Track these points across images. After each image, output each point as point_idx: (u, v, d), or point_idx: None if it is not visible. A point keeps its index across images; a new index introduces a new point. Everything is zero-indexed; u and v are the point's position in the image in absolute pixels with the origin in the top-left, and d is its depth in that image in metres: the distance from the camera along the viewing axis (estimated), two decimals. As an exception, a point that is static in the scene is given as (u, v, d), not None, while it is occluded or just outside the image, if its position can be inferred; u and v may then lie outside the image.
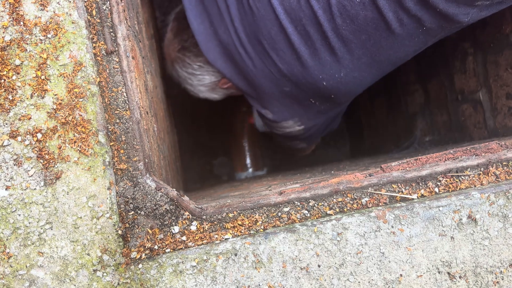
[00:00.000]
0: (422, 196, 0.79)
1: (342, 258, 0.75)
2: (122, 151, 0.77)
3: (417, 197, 0.79)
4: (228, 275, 0.74)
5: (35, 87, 0.75)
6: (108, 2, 0.79)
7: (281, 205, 0.79)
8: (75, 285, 0.73)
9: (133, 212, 0.76)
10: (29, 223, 0.73)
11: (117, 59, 0.79)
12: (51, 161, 0.74)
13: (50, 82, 0.75)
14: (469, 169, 0.80)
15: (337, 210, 0.79)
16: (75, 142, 0.75)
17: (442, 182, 0.80)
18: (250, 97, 1.31)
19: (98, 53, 0.78)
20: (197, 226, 0.77)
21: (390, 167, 0.81)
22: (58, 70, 0.76)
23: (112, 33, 0.79)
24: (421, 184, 0.80)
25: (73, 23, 0.77)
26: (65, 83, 0.75)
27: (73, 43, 0.76)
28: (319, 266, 0.75)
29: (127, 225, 0.76)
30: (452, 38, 1.40)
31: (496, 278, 0.76)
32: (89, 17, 0.79)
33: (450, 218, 0.76)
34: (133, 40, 0.87)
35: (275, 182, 1.12)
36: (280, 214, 0.78)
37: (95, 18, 0.79)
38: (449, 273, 0.76)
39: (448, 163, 0.80)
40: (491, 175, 0.80)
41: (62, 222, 0.74)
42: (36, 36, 0.75)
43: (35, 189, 0.73)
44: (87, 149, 0.75)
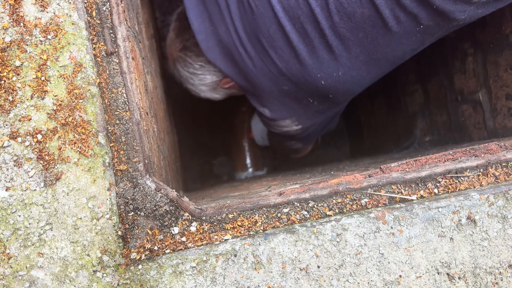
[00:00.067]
0: (422, 197, 0.79)
1: (342, 259, 0.76)
2: (122, 152, 0.78)
3: (417, 198, 0.79)
4: (227, 276, 0.75)
5: (35, 88, 0.75)
6: (108, 3, 0.80)
7: (280, 206, 0.79)
8: (75, 286, 0.73)
9: (133, 213, 0.76)
10: (29, 224, 0.73)
11: (117, 60, 0.79)
12: (51, 162, 0.74)
13: (50, 83, 0.75)
14: (468, 170, 0.80)
15: (337, 211, 0.79)
16: (75, 143, 0.75)
17: (442, 183, 0.80)
18: (249, 95, 1.31)
19: (98, 54, 0.79)
20: (196, 227, 0.77)
21: (390, 168, 0.81)
22: (58, 71, 0.76)
23: (112, 34, 0.79)
24: (420, 185, 0.80)
25: (73, 24, 0.77)
26: (65, 84, 0.76)
27: (73, 44, 0.76)
28: (318, 267, 0.75)
29: (127, 226, 0.76)
30: (452, 38, 1.40)
31: (495, 279, 0.76)
32: (89, 18, 0.79)
33: (449, 219, 0.77)
34: (133, 41, 0.87)
35: (275, 183, 1.12)
36: (279, 215, 0.78)
37: (95, 19, 0.79)
38: (448, 274, 0.76)
39: (448, 164, 0.80)
40: (491, 176, 0.80)
41: (62, 223, 0.74)
42: (36, 37, 0.75)
43: (35, 190, 0.73)
44: (87, 150, 0.75)
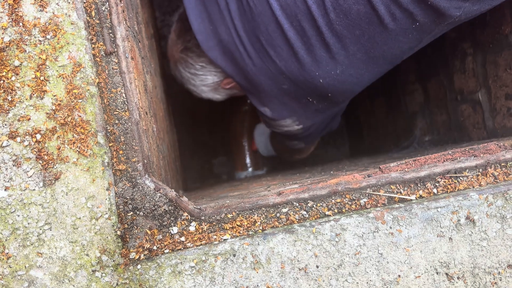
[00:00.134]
0: (421, 197, 0.79)
1: (341, 258, 0.76)
2: (121, 152, 0.78)
3: (416, 198, 0.79)
4: (226, 275, 0.75)
5: (34, 88, 0.75)
6: (107, 3, 0.79)
7: (279, 206, 0.79)
8: (74, 286, 0.73)
9: (132, 212, 0.76)
10: (28, 223, 0.73)
11: (116, 60, 0.79)
12: (50, 162, 0.74)
13: (49, 83, 0.75)
14: (467, 170, 0.80)
15: (336, 211, 0.79)
16: (74, 143, 0.75)
17: (441, 183, 0.80)
18: (250, 94, 1.31)
19: (97, 54, 0.78)
20: (195, 226, 0.77)
21: (389, 168, 0.81)
22: (57, 71, 0.76)
23: (111, 34, 0.79)
24: (419, 185, 0.80)
25: (72, 24, 0.77)
26: (64, 84, 0.76)
27: (72, 44, 0.76)
28: (317, 267, 0.75)
29: (126, 225, 0.76)
30: (452, 38, 1.40)
31: (494, 279, 0.76)
32: (88, 18, 0.79)
33: (448, 219, 0.77)
34: (132, 41, 0.87)
35: (275, 182, 1.12)
36: (278, 214, 0.78)
37: (94, 19, 0.79)
38: (447, 274, 0.76)
39: (447, 164, 0.80)
40: (490, 176, 0.80)
41: (61, 222, 0.74)
42: (35, 37, 0.75)
43: (34, 189, 0.73)
44: (86, 150, 0.75)
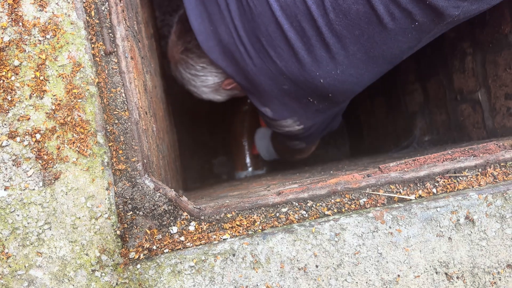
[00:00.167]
0: (420, 196, 0.79)
1: (340, 258, 0.76)
2: (121, 152, 0.78)
3: (415, 197, 0.79)
4: (226, 275, 0.75)
5: (34, 87, 0.75)
6: (107, 3, 0.80)
7: (279, 206, 0.79)
8: (73, 285, 0.73)
9: (131, 212, 0.76)
10: (28, 223, 0.73)
11: (115, 60, 0.79)
12: (50, 161, 0.74)
13: (49, 82, 0.75)
14: (467, 170, 0.80)
15: (335, 210, 0.79)
16: (73, 142, 0.75)
17: (440, 182, 0.80)
18: (251, 94, 1.32)
19: (97, 53, 0.79)
20: (195, 226, 0.77)
21: (388, 167, 0.81)
22: (57, 70, 0.76)
23: (111, 34, 0.79)
24: (419, 185, 0.80)
25: (71, 24, 0.77)
26: (64, 83, 0.76)
27: (72, 44, 0.76)
28: (317, 267, 0.75)
29: (125, 225, 0.76)
30: (451, 37, 1.40)
31: (493, 279, 0.77)
32: (87, 17, 0.79)
33: (447, 219, 0.77)
34: (132, 41, 0.87)
35: (274, 182, 1.12)
36: (278, 214, 0.78)
37: (93, 18, 0.79)
38: (446, 273, 0.76)
39: (446, 163, 0.80)
40: (489, 176, 0.80)
41: (60, 222, 0.74)
42: (35, 37, 0.76)
43: (34, 189, 0.74)
44: (85, 149, 0.75)
